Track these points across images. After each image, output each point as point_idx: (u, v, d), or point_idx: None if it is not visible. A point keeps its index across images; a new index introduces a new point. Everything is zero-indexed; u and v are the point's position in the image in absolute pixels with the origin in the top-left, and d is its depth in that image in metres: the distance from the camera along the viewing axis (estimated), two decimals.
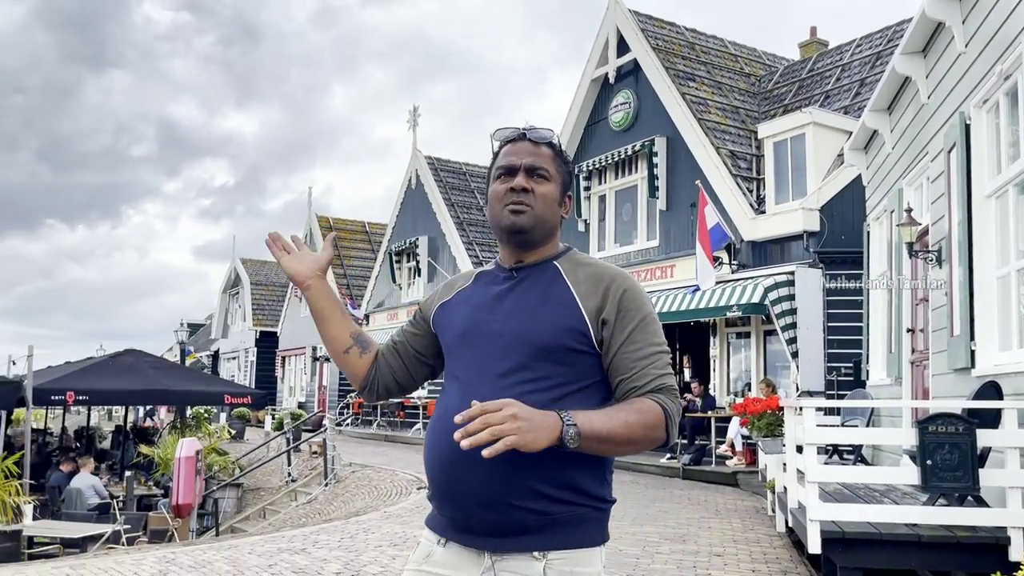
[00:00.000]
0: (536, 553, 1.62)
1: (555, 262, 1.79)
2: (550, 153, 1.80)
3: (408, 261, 24.28)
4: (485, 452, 1.40)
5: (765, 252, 13.05)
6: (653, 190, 15.03)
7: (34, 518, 9.84)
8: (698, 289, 12.90)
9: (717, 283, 12.79)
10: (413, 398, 22.56)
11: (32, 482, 11.20)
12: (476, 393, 1.58)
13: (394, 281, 24.58)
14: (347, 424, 24.34)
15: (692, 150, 14.24)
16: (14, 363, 15.27)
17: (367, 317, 26.26)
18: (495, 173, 1.80)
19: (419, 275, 23.51)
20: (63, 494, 11.83)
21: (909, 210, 7.38)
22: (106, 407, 32.76)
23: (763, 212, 13.09)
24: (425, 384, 2.06)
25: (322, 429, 16.12)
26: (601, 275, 1.74)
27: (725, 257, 13.42)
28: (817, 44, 17.95)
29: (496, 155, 1.84)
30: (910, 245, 7.27)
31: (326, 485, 12.85)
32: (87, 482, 11.86)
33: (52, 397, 13.09)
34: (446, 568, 1.71)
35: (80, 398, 13.53)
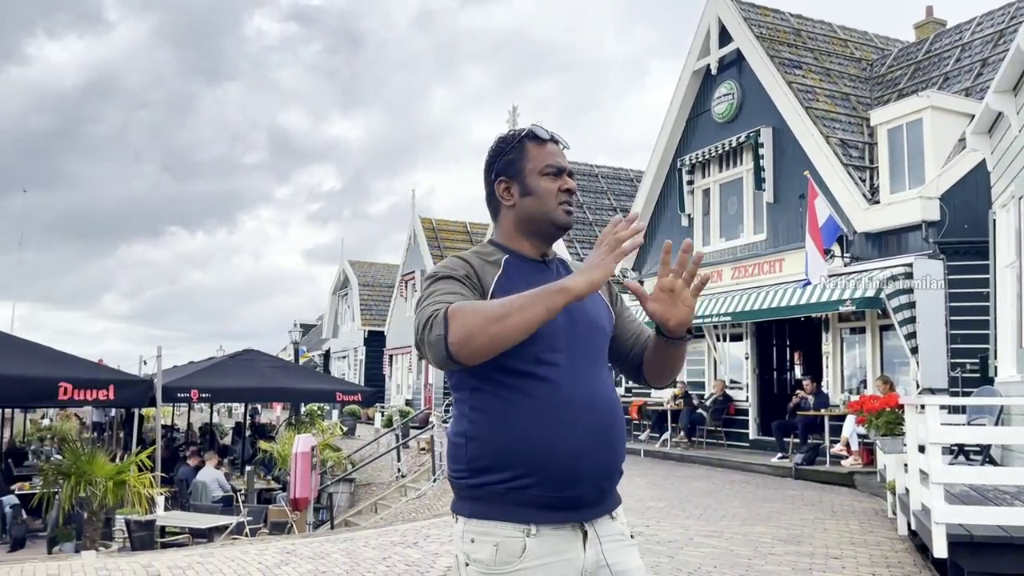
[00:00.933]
0: (613, 512, 1.82)
1: (560, 259, 1.98)
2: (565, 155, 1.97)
3: None
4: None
5: (880, 244, 12.51)
6: (759, 182, 14.64)
7: (165, 509, 10.47)
8: (808, 283, 12.49)
9: (829, 277, 12.36)
10: None
11: (163, 475, 11.90)
12: (593, 377, 1.79)
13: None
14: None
15: (800, 140, 13.80)
16: (145, 363, 16.24)
17: None
18: (545, 169, 1.86)
19: None
20: (190, 487, 12.52)
21: None
22: (226, 404, 34.41)
23: (877, 202, 12.55)
24: None
25: (429, 426, 16.48)
26: None
27: (837, 250, 12.94)
28: (934, 24, 17.06)
29: (521, 148, 1.88)
30: None
31: (434, 481, 13.12)
32: (212, 476, 12.50)
33: (178, 395, 13.87)
34: (549, 556, 1.69)
35: (203, 396, 14.29)
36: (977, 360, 10.65)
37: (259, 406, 28.67)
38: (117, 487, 9.23)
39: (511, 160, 1.88)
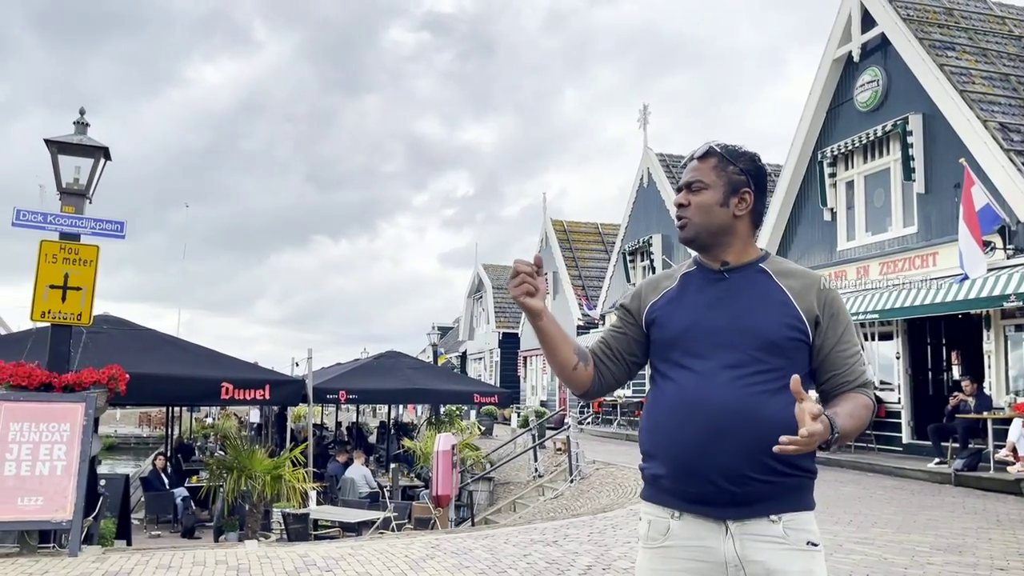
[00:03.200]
0: (773, 516, 1.86)
1: (762, 264, 2.01)
2: (713, 162, 2.01)
3: (642, 260, 24.24)
4: (777, 448, 1.65)
5: None
6: (908, 172, 13.86)
7: (317, 503, 11.05)
8: (966, 278, 11.70)
9: (989, 270, 11.53)
10: None
11: (314, 471, 12.56)
12: (713, 383, 1.87)
13: (628, 281, 24.65)
14: (587, 423, 24.77)
15: (954, 126, 12.96)
16: (297, 364, 17.17)
17: (603, 317, 26.55)
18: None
19: (653, 274, 23.27)
20: (339, 483, 13.15)
21: None
22: (371, 404, 35.85)
23: None
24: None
25: (565, 427, 16.57)
26: (810, 279, 1.99)
27: (998, 241, 12.06)
28: None
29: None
30: None
31: (571, 481, 13.19)
32: (359, 472, 13.07)
33: (327, 396, 14.60)
34: (689, 539, 1.89)
35: (351, 396, 14.98)
36: None
37: (401, 406, 29.69)
38: (274, 481, 9.84)
39: None
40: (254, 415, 27.94)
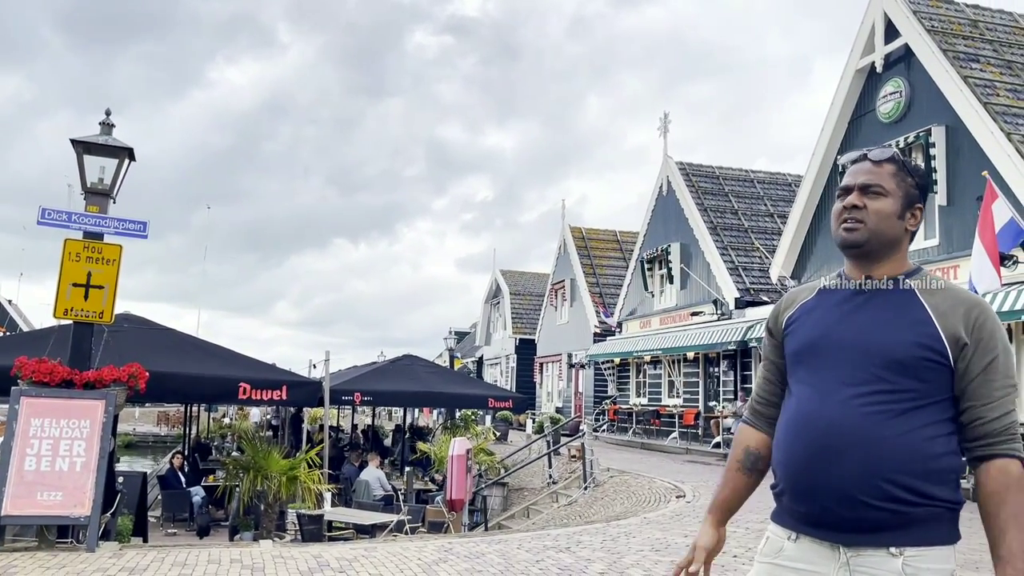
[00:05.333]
0: (893, 549, 1.72)
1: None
2: (892, 169, 1.91)
3: (660, 268, 24.19)
4: None
5: None
6: (931, 185, 13.77)
7: (332, 505, 11.10)
8: (974, 291, 11.58)
9: (1011, 284, 11.42)
10: (669, 407, 22.44)
11: (330, 473, 12.61)
12: (830, 399, 1.79)
13: (646, 289, 24.60)
14: (603, 430, 24.72)
15: (977, 138, 12.86)
16: (314, 366, 17.26)
17: (620, 325, 26.51)
18: (839, 192, 1.96)
19: (671, 282, 23.33)
20: (354, 485, 13.19)
21: None
22: (386, 407, 35.96)
23: None
24: (680, 394, 2.18)
25: (580, 434, 16.56)
26: (960, 299, 1.82)
27: (1021, 255, 11.94)
28: None
29: (844, 173, 1.99)
30: None
31: (585, 488, 13.17)
32: (374, 475, 13.11)
33: (343, 397, 14.66)
34: (800, 562, 1.83)
35: (366, 399, 15.03)
36: None
37: (416, 410, 29.77)
38: (289, 482, 9.89)
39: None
40: (255, 415, 28.11)
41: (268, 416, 25.68)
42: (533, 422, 26.16)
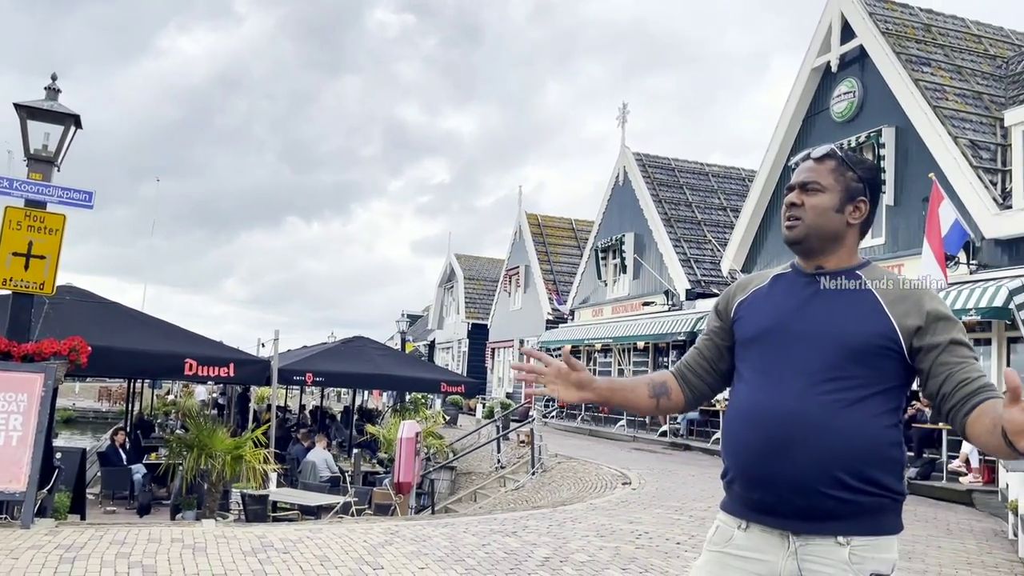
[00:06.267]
0: (841, 538, 1.76)
1: (858, 271, 1.92)
2: (832, 164, 1.94)
3: (613, 258, 24.36)
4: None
5: (1010, 251, 11.81)
6: (879, 177, 14.05)
7: (278, 485, 10.98)
8: None
9: (952, 284, 11.76)
10: None
11: (276, 452, 12.48)
12: (788, 389, 1.80)
13: (599, 278, 24.76)
14: (552, 416, 24.88)
15: (925, 140, 13.17)
16: (263, 345, 17.03)
17: (572, 313, 26.66)
18: (785, 193, 2.02)
19: (624, 272, 23.52)
20: (300, 466, 13.08)
21: None
22: (335, 389, 35.66)
23: (1009, 207, 11.85)
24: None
25: (529, 419, 16.64)
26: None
27: (963, 257, 12.30)
28: None
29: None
30: None
31: (533, 474, 13.25)
32: (321, 456, 13.01)
33: (294, 377, 14.50)
34: (750, 550, 1.86)
35: (317, 379, 14.88)
36: None
37: (366, 392, 29.57)
38: (235, 461, 9.76)
39: None
40: (200, 393, 27.64)
41: (215, 394, 25.28)
42: (483, 407, 26.21)
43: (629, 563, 5.78)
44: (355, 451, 14.87)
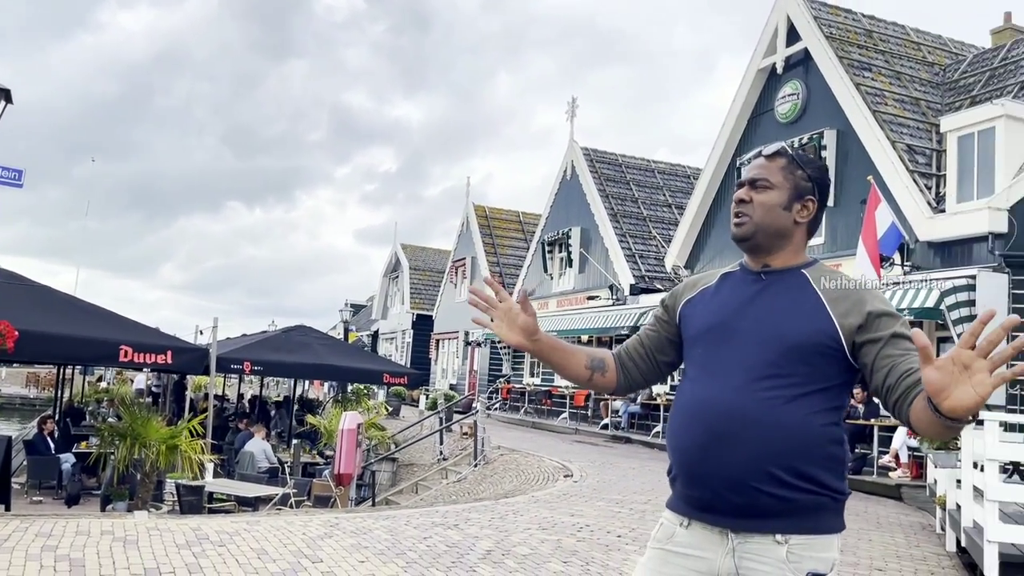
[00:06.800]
0: (779, 537, 1.75)
1: (803, 270, 1.92)
2: (782, 162, 1.94)
3: (560, 251, 24.46)
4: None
5: (943, 254, 12.21)
6: (827, 177, 14.36)
7: (214, 476, 10.74)
8: None
9: (887, 284, 12.09)
10: (560, 388, 22.79)
11: (213, 443, 12.21)
12: (728, 385, 1.80)
13: (545, 271, 24.84)
14: (495, 408, 24.90)
15: (865, 144, 13.51)
16: (201, 333, 16.64)
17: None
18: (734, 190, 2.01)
19: (570, 266, 23.64)
20: (238, 456, 12.81)
21: None
22: (275, 378, 35.08)
23: (943, 211, 12.24)
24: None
25: (473, 411, 16.61)
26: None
27: (897, 258, 12.65)
28: (1012, 31, 16.51)
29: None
30: None
31: (475, 466, 13.22)
32: (259, 447, 12.76)
33: (232, 366, 14.19)
34: (690, 547, 1.85)
35: (256, 368, 14.57)
36: None
37: (306, 382, 29.18)
38: (170, 451, 9.51)
39: None
40: (140, 381, 26.94)
41: (150, 382, 24.63)
42: (427, 398, 26.08)
43: (570, 556, 5.79)
44: (295, 442, 14.64)
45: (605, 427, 18.98)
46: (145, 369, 14.32)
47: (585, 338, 21.63)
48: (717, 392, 1.81)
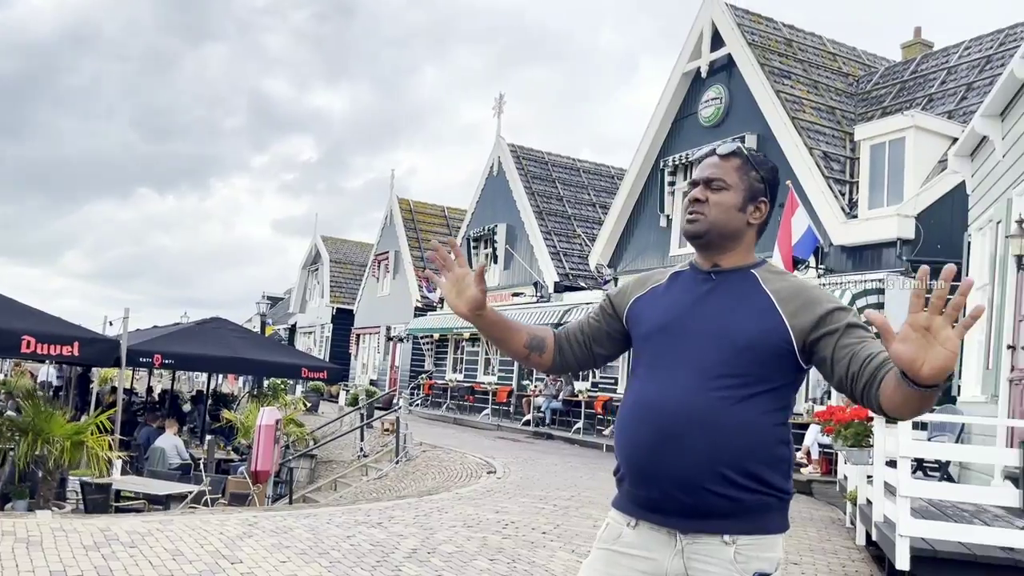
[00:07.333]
0: (727, 537, 1.75)
1: (752, 270, 1.92)
2: (737, 163, 1.93)
3: (485, 248, 24.42)
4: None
5: (855, 258, 12.67)
6: (779, 180, 14.73)
7: (123, 473, 10.30)
8: None
9: None
10: (484, 384, 22.76)
11: (122, 438, 11.71)
12: (679, 385, 1.79)
13: (470, 267, 24.73)
14: (417, 404, 24.70)
15: (784, 149, 13.90)
16: (111, 324, 15.97)
17: (442, 301, 26.53)
18: (686, 189, 1.95)
19: (495, 262, 23.62)
20: (148, 452, 12.33)
21: (1021, 221, 7.05)
22: (187, 372, 33.95)
23: (855, 217, 12.70)
24: (495, 372, 2.15)
25: (395, 407, 16.41)
26: (800, 286, 1.89)
27: (812, 261, 13.08)
28: (921, 45, 17.26)
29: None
30: (1019, 258, 6.95)
31: (397, 463, 13.07)
32: (171, 442, 12.32)
33: (142, 359, 13.63)
34: (637, 548, 1.83)
35: (167, 361, 14.04)
36: None
37: (220, 376, 28.34)
38: (75, 447, 9.06)
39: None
40: (49, 373, 25.69)
41: (50, 376, 23.47)
42: (347, 394, 25.68)
43: (496, 554, 5.75)
44: (208, 437, 14.19)
45: (527, 423, 19.05)
46: (48, 361, 13.65)
47: None
48: (668, 391, 1.80)
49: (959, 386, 9.37)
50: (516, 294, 22.26)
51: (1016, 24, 14.27)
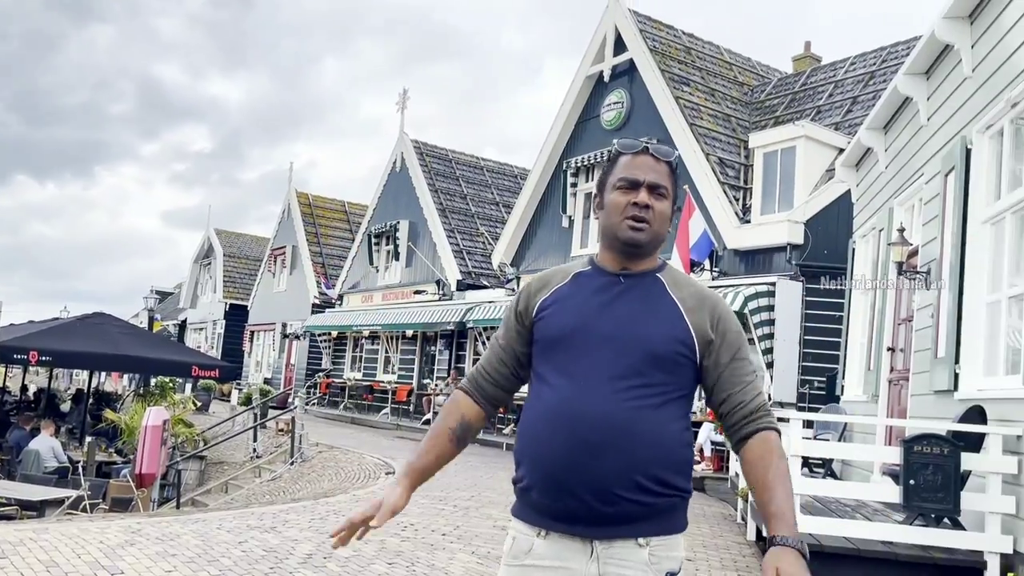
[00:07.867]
0: (641, 540, 1.76)
1: (658, 274, 1.90)
2: (667, 170, 1.90)
3: (387, 244, 24.11)
4: None
5: (748, 261, 13.12)
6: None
7: None
8: None
9: None
10: (383, 383, 22.46)
11: None
12: (592, 392, 1.75)
13: (371, 263, 24.39)
14: (313, 404, 24.16)
15: (682, 154, 14.26)
16: None
17: (341, 298, 26.04)
18: (616, 183, 1.89)
19: (397, 259, 23.36)
20: (21, 455, 11.59)
21: (902, 230, 7.43)
22: (67, 370, 32.16)
23: (748, 222, 13.14)
24: (395, 370, 2.06)
25: (291, 406, 15.99)
26: (704, 295, 1.89)
27: (707, 264, 13.47)
28: (811, 59, 18.06)
29: (613, 163, 1.93)
30: (899, 264, 7.32)
31: (292, 464, 12.72)
32: (46, 444, 11.64)
33: (15, 356, 12.80)
34: (550, 559, 1.79)
35: (44, 359, 13.23)
36: (824, 379, 11.34)
37: (103, 374, 26.95)
38: None
39: (603, 174, 1.97)
40: None
41: None
42: (240, 393, 24.85)
43: (395, 557, 5.64)
44: (88, 439, 13.45)
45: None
46: None
47: (410, 333, 21.45)
48: (584, 400, 1.75)
49: (843, 386, 9.83)
50: (418, 292, 22.06)
51: (897, 43, 15.09)
